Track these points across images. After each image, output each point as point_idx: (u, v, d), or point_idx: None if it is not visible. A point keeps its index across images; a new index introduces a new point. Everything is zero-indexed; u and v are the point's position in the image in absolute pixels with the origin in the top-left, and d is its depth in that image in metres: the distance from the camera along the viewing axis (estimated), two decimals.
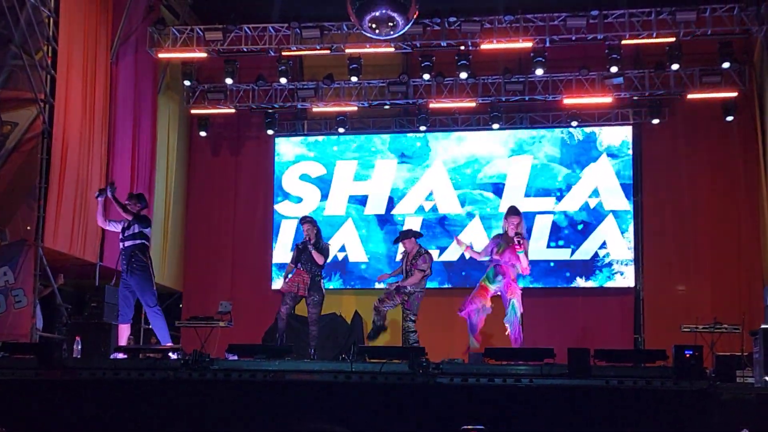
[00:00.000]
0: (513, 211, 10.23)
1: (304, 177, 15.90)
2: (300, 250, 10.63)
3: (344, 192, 15.76)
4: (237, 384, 7.72)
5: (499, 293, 10.23)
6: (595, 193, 15.09)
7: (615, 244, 14.94)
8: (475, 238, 14.07)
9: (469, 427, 3.61)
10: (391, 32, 9.89)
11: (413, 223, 15.19)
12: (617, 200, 15.02)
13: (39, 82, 11.59)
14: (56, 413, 7.64)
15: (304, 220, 10.76)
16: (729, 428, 7.26)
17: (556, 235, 15.11)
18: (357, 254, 15.51)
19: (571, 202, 15.14)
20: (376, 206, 15.65)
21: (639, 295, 14.99)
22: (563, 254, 15.07)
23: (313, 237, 10.48)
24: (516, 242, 9.88)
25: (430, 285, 11.17)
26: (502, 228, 10.28)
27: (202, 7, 15.48)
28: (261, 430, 7.48)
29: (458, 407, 7.57)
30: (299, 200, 15.80)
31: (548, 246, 15.10)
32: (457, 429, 6.77)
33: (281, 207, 15.83)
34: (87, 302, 11.87)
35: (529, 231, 15.01)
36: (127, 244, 9.90)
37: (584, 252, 15.00)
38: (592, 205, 15.07)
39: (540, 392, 7.67)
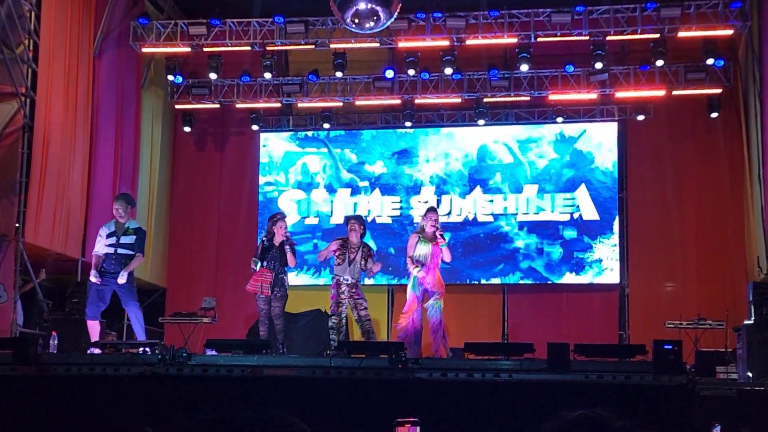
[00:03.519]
0: (431, 209, 10.89)
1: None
2: (266, 247, 10.52)
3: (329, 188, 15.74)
4: (214, 379, 7.66)
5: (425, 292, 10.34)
6: (581, 189, 15.07)
7: (604, 241, 14.92)
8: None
9: (402, 419, 3.57)
10: (374, 26, 9.82)
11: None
12: (602, 196, 15.01)
13: (20, 75, 11.49)
14: (31, 409, 7.57)
15: (279, 218, 10.67)
16: (708, 424, 7.24)
17: (542, 231, 15.09)
18: None
19: (557, 198, 15.13)
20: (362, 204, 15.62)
21: (624, 291, 14.99)
22: (550, 249, 15.05)
23: (287, 236, 10.45)
24: (439, 236, 10.28)
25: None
26: (419, 227, 10.57)
27: (185, 1, 15.38)
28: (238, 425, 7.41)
29: (437, 403, 7.53)
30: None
31: (536, 242, 15.08)
32: (437, 424, 6.74)
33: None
34: (68, 298, 11.82)
35: (517, 228, 15.05)
36: (121, 251, 9.85)
37: (573, 248, 14.98)
38: (577, 202, 15.05)
39: (520, 387, 7.64)
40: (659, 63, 13.99)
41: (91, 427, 7.33)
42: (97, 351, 8.81)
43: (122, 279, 9.70)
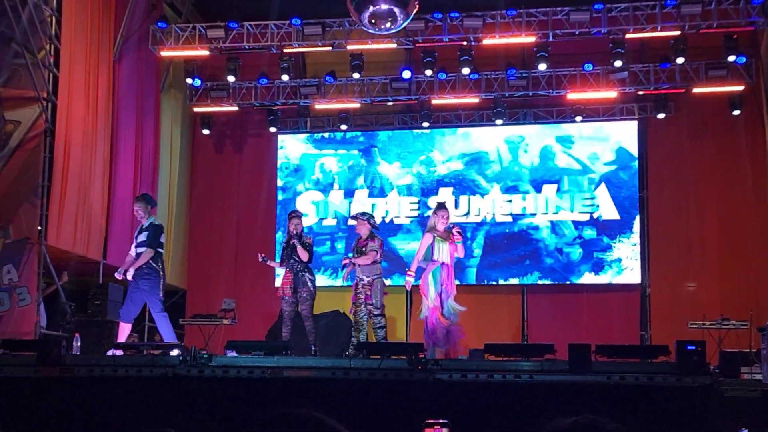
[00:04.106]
0: (442, 206, 10.41)
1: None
2: (284, 247, 10.52)
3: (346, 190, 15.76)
4: (235, 380, 7.68)
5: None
6: (601, 188, 15.00)
7: (624, 240, 14.85)
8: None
9: (432, 420, 3.53)
10: (391, 27, 9.81)
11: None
12: (622, 195, 14.93)
13: (41, 80, 11.58)
14: (54, 410, 7.62)
15: (293, 215, 10.64)
16: (732, 425, 7.18)
17: (561, 231, 15.04)
18: None
19: (577, 198, 15.07)
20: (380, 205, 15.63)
21: (645, 291, 14.90)
22: (570, 249, 15.00)
23: (300, 232, 10.41)
24: (456, 233, 10.02)
25: None
26: (430, 225, 10.24)
27: (204, 4, 15.47)
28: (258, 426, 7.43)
29: (457, 404, 7.51)
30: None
31: (555, 242, 15.03)
32: (457, 426, 6.71)
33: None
34: (90, 300, 11.88)
35: (536, 228, 15.01)
36: (139, 250, 9.84)
37: (593, 248, 14.92)
38: (597, 201, 14.98)
39: (540, 388, 7.60)
40: (679, 60, 13.90)
41: (113, 428, 7.37)
42: (118, 352, 8.85)
43: (129, 274, 9.69)
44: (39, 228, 11.38)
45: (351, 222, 10.32)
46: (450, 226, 10.11)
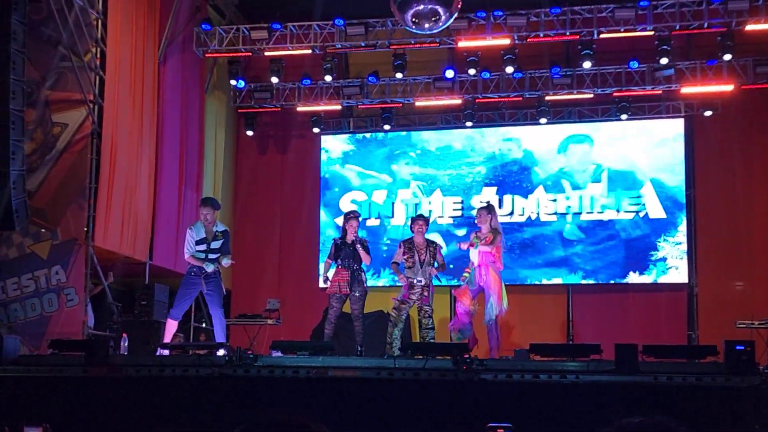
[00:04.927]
0: (484, 206, 10.44)
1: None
2: (339, 246, 10.49)
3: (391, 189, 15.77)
4: (280, 380, 7.69)
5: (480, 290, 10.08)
6: (647, 186, 14.84)
7: (668, 239, 14.67)
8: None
9: (495, 425, 3.51)
10: (434, 26, 9.78)
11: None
12: (669, 194, 14.76)
13: (88, 83, 11.72)
14: (102, 409, 7.70)
15: (352, 216, 10.63)
16: None
17: (606, 230, 14.90)
18: None
19: (623, 197, 14.92)
20: (423, 204, 15.61)
21: (692, 290, 14.71)
22: (615, 249, 14.85)
23: (357, 235, 10.42)
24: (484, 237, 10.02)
25: None
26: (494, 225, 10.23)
27: (247, 6, 15.58)
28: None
29: (502, 404, 7.46)
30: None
31: (600, 241, 14.89)
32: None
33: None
34: (137, 300, 12.01)
35: (581, 228, 14.89)
36: (212, 256, 9.81)
37: (637, 247, 14.76)
38: (643, 200, 14.82)
39: (586, 389, 7.52)
40: (727, 57, 13.72)
41: (161, 427, 7.43)
42: (165, 352, 8.94)
43: (226, 262, 9.76)
44: (86, 229, 11.51)
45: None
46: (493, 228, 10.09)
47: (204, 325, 13.99)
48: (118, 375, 7.91)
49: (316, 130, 15.99)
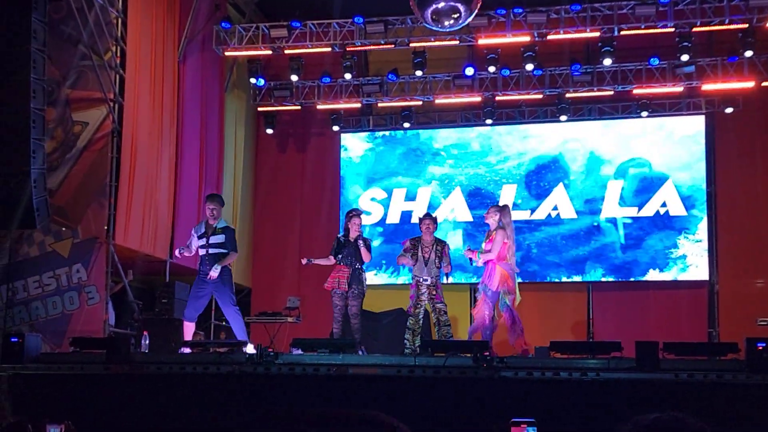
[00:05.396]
0: (495, 205, 10.51)
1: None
2: (341, 243, 10.49)
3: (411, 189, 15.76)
4: (301, 378, 7.72)
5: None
6: (667, 184, 14.75)
7: (689, 236, 14.59)
8: None
9: (519, 419, 3.50)
10: (454, 24, 9.76)
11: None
12: (689, 191, 14.67)
13: (108, 81, 11.76)
14: (123, 407, 7.76)
15: (354, 214, 10.61)
16: None
17: (626, 227, 14.83)
18: None
19: (642, 194, 14.84)
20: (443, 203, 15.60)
21: (713, 288, 14.62)
22: (635, 246, 14.78)
23: (360, 232, 10.42)
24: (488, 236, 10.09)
25: None
26: (505, 222, 10.18)
27: (267, 4, 15.60)
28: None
29: (523, 401, 7.45)
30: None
31: (619, 238, 14.83)
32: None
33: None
34: (158, 298, 12.07)
35: (600, 225, 14.82)
36: (212, 251, 9.95)
37: (657, 244, 14.68)
38: (663, 197, 14.73)
39: (607, 386, 7.50)
40: (748, 54, 13.62)
41: (182, 424, 7.48)
42: (187, 350, 8.98)
43: (214, 273, 9.82)
44: (106, 227, 11.55)
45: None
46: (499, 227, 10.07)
47: (224, 323, 14.03)
48: (139, 372, 7.97)
49: (335, 128, 15.99)
